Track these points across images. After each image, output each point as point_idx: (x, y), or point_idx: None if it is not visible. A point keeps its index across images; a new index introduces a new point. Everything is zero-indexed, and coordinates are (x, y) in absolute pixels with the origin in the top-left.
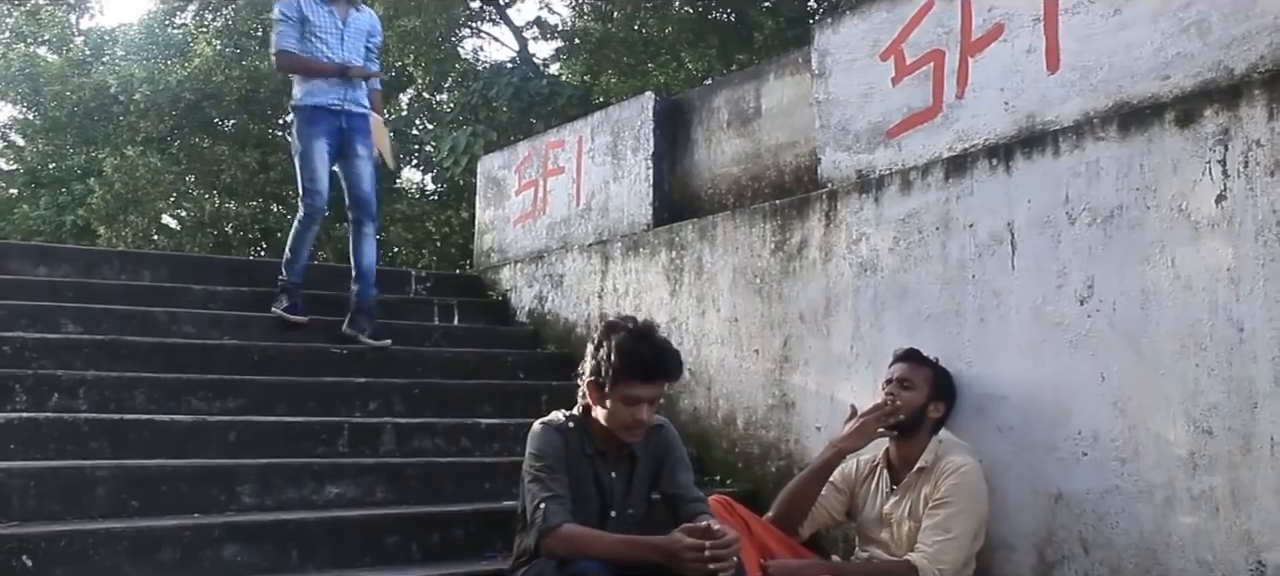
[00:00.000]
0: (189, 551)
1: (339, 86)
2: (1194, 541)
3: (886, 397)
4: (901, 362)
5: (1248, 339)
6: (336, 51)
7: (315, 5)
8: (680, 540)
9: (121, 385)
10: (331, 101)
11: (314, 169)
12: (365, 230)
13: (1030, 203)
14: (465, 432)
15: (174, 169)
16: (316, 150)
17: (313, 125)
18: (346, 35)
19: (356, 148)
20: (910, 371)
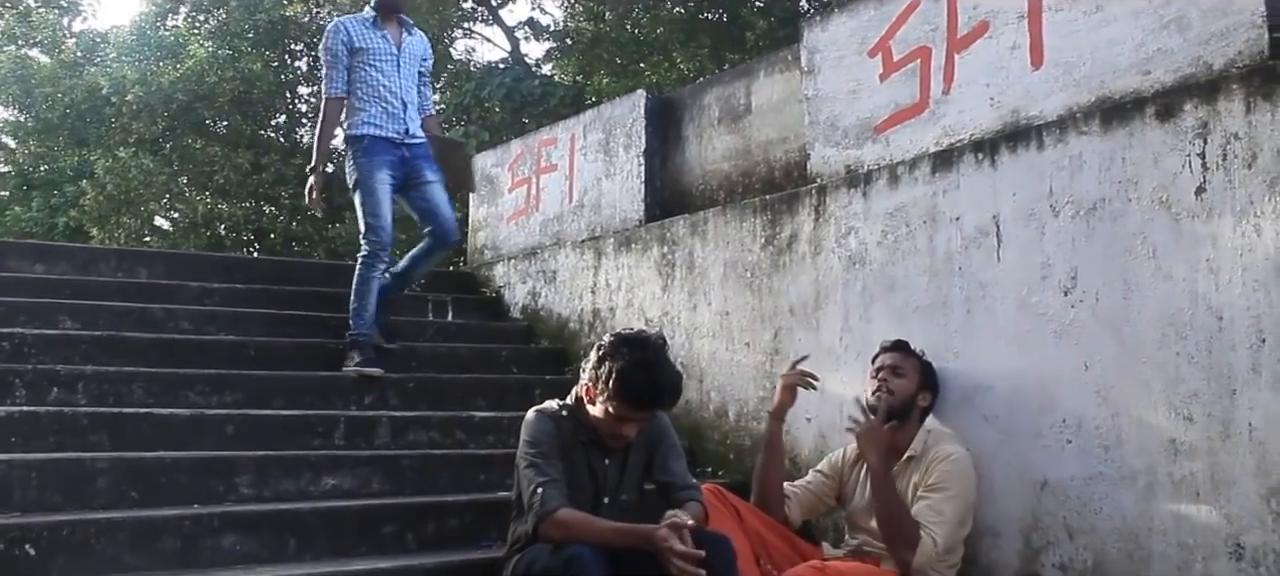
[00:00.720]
0: (189, 540)
1: (398, 118)
2: (1175, 526)
3: (877, 385)
4: (892, 352)
5: (1227, 327)
6: (393, 79)
7: (367, 30)
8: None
9: (120, 379)
10: (392, 132)
11: (378, 202)
12: (438, 254)
13: (1015, 196)
14: (460, 425)
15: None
16: (379, 182)
17: (372, 155)
18: (402, 61)
19: (425, 173)
20: (901, 360)
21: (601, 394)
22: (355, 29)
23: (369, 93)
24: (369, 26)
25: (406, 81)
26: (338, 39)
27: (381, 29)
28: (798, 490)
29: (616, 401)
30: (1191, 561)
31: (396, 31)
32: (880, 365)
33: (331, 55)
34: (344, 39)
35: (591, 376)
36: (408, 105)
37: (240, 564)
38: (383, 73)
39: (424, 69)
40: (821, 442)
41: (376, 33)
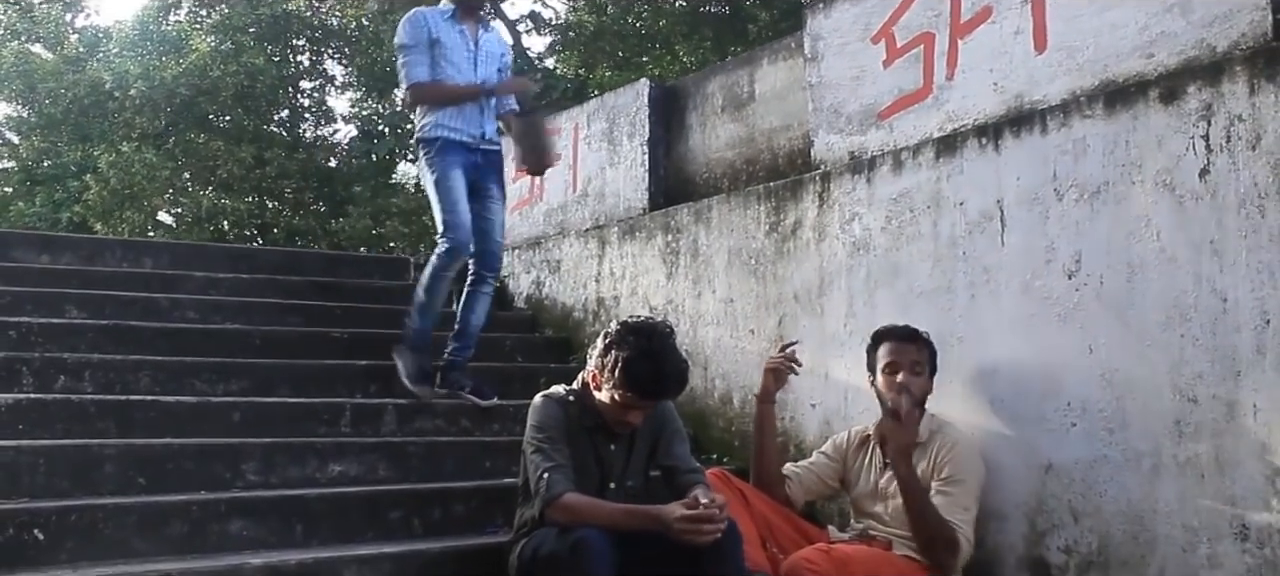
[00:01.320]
0: (196, 526)
1: (475, 119)
2: (1180, 507)
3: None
4: (907, 343)
5: (1231, 309)
6: (470, 78)
7: (445, 24)
8: (671, 509)
9: (126, 368)
10: (466, 137)
11: (455, 199)
12: (484, 288)
13: (1019, 180)
14: (465, 413)
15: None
16: (455, 179)
17: (446, 155)
18: (479, 60)
19: (491, 187)
20: (918, 353)
21: (608, 381)
22: (434, 21)
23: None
24: (447, 20)
25: (483, 81)
26: (419, 29)
27: (459, 24)
28: (800, 471)
29: (622, 389)
30: (1196, 543)
31: (474, 28)
32: (895, 361)
33: (413, 43)
34: (425, 27)
35: (598, 363)
36: (484, 107)
37: (247, 548)
38: (459, 71)
39: (504, 65)
40: (826, 428)
41: (454, 27)
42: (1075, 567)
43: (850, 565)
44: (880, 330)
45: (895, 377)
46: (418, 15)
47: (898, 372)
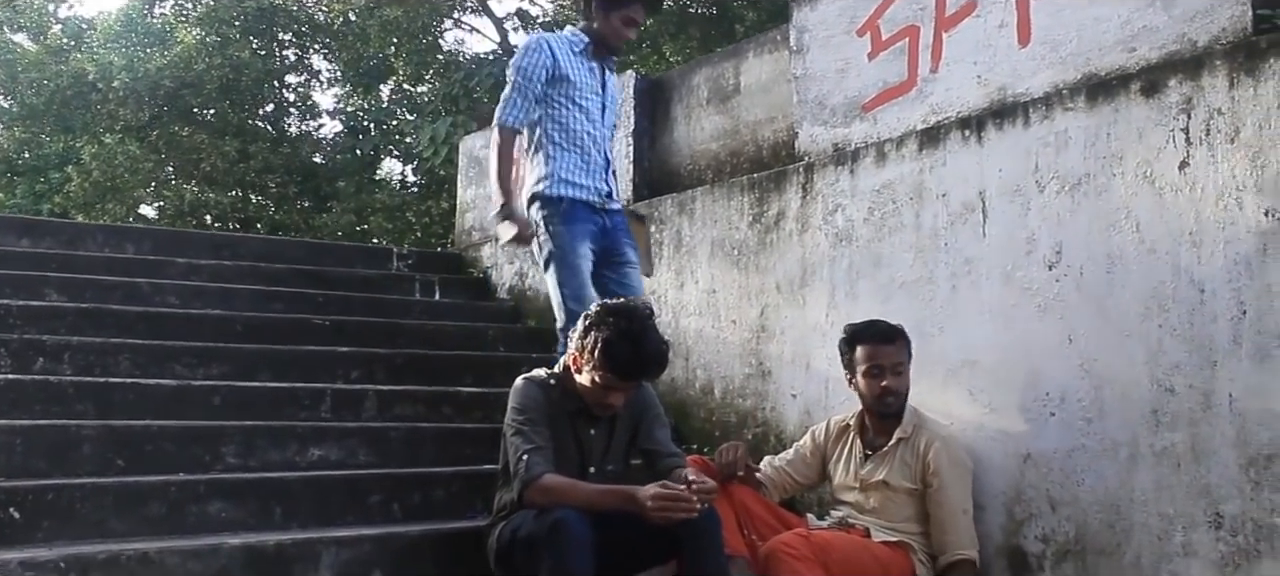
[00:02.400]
0: (175, 506)
1: (599, 173)
2: (1156, 495)
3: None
4: (886, 343)
5: (1208, 299)
6: (597, 127)
7: (574, 57)
8: (646, 489)
9: (106, 350)
10: (593, 196)
11: (581, 281)
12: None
13: (1001, 172)
14: (447, 400)
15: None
16: (582, 256)
17: (573, 223)
18: (607, 103)
19: (625, 250)
20: (897, 352)
21: (588, 363)
22: (561, 52)
23: (567, 139)
24: (577, 53)
25: (608, 131)
26: (538, 60)
27: (590, 61)
28: (773, 473)
29: (603, 371)
30: (1171, 531)
31: (601, 67)
32: (878, 363)
33: (525, 77)
34: (546, 62)
35: (578, 346)
36: (609, 161)
37: (226, 530)
38: (588, 116)
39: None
40: (806, 419)
41: (585, 63)
42: (1052, 556)
43: (829, 550)
44: (855, 330)
45: (879, 382)
46: (540, 44)
47: (882, 377)
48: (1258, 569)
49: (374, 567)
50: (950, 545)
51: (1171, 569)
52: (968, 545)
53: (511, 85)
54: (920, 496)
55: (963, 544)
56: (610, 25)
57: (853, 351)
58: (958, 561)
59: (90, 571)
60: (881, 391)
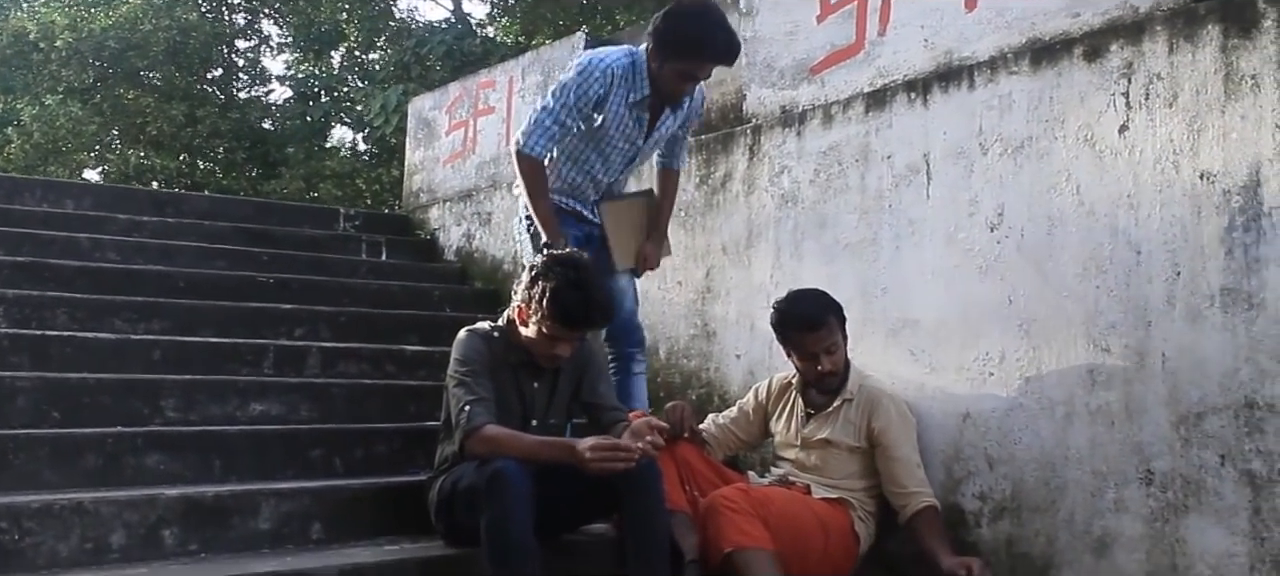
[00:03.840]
0: (111, 459)
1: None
2: (1090, 453)
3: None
4: (814, 331)
5: (1144, 261)
6: (612, 170)
7: (625, 108)
8: (585, 441)
9: (43, 304)
10: (584, 208)
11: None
12: (634, 366)
13: (946, 134)
14: (391, 358)
15: (96, 120)
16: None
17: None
18: (640, 155)
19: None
20: (830, 332)
21: (534, 314)
22: (614, 95)
23: (574, 165)
24: (629, 104)
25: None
26: (590, 91)
27: (642, 112)
28: (716, 431)
29: (550, 321)
30: (1104, 488)
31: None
32: (811, 351)
33: (567, 104)
34: (597, 95)
35: (524, 297)
36: (613, 185)
37: (164, 482)
38: (605, 162)
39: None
40: (750, 378)
41: (632, 115)
42: (989, 513)
43: (769, 504)
44: (782, 316)
45: (815, 367)
46: (603, 73)
47: (817, 361)
48: (1185, 523)
49: (313, 520)
50: (913, 496)
51: (1103, 524)
52: (929, 493)
53: (550, 108)
54: (863, 454)
55: (925, 492)
56: (665, 74)
57: (785, 335)
58: (924, 508)
59: (23, 520)
60: (819, 375)
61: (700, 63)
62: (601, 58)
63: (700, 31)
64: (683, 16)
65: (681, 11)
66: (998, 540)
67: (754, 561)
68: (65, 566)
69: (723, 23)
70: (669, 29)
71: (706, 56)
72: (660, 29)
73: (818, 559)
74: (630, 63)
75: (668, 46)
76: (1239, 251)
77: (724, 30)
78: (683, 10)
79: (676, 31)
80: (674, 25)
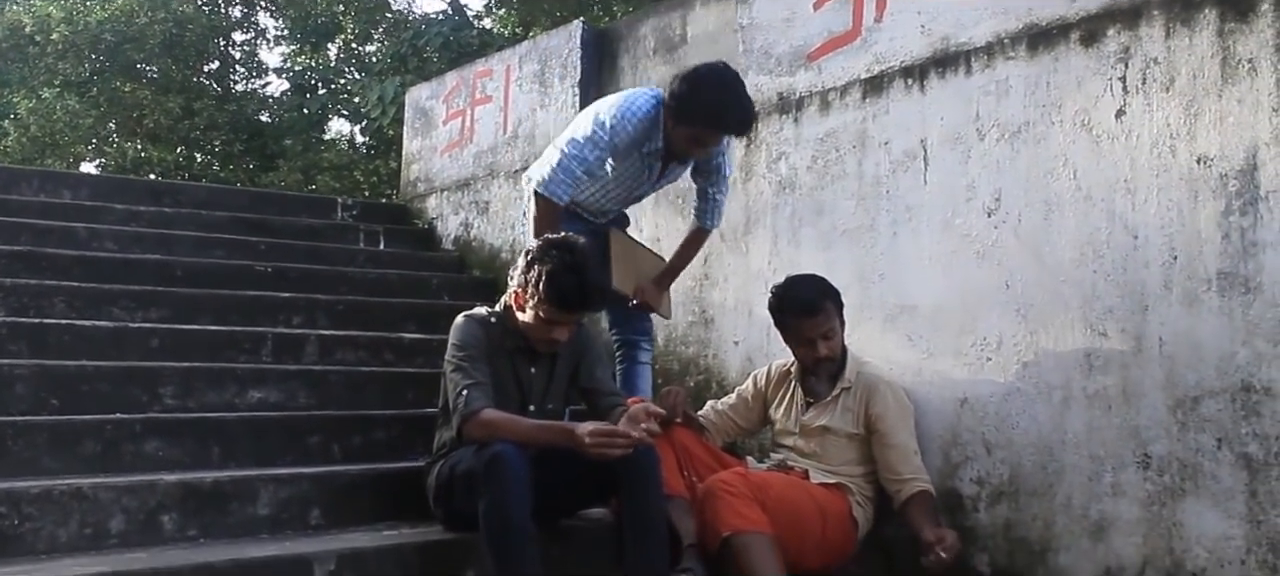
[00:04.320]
0: (110, 445)
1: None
2: (1087, 437)
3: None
4: (810, 316)
5: (1141, 245)
6: (614, 205)
7: (639, 154)
8: (584, 425)
9: (41, 293)
10: (585, 213)
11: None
12: (639, 355)
13: (943, 120)
14: (389, 346)
15: (93, 113)
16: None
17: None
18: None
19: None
20: (827, 318)
21: (531, 298)
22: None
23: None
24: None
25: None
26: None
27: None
28: (715, 417)
29: (546, 304)
30: (1101, 472)
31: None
32: (807, 336)
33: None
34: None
35: (520, 282)
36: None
37: (163, 468)
38: (605, 193)
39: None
40: (748, 365)
41: (645, 160)
42: (986, 498)
43: (767, 489)
44: (780, 301)
45: (813, 353)
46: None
47: (814, 348)
48: (1182, 506)
49: (312, 505)
50: (907, 482)
51: (1100, 508)
52: (924, 479)
53: (578, 153)
54: (861, 441)
55: (919, 477)
56: (678, 134)
57: (782, 321)
58: (917, 493)
59: (23, 505)
60: (816, 360)
61: (713, 132)
62: (637, 105)
63: (717, 103)
64: (702, 85)
65: (701, 79)
66: (995, 524)
67: (752, 545)
68: (65, 551)
69: (740, 95)
70: (687, 94)
71: (720, 128)
72: (679, 93)
73: (815, 543)
74: (655, 111)
75: (684, 111)
76: (1236, 235)
77: (740, 104)
78: (703, 78)
79: (694, 99)
80: (692, 91)
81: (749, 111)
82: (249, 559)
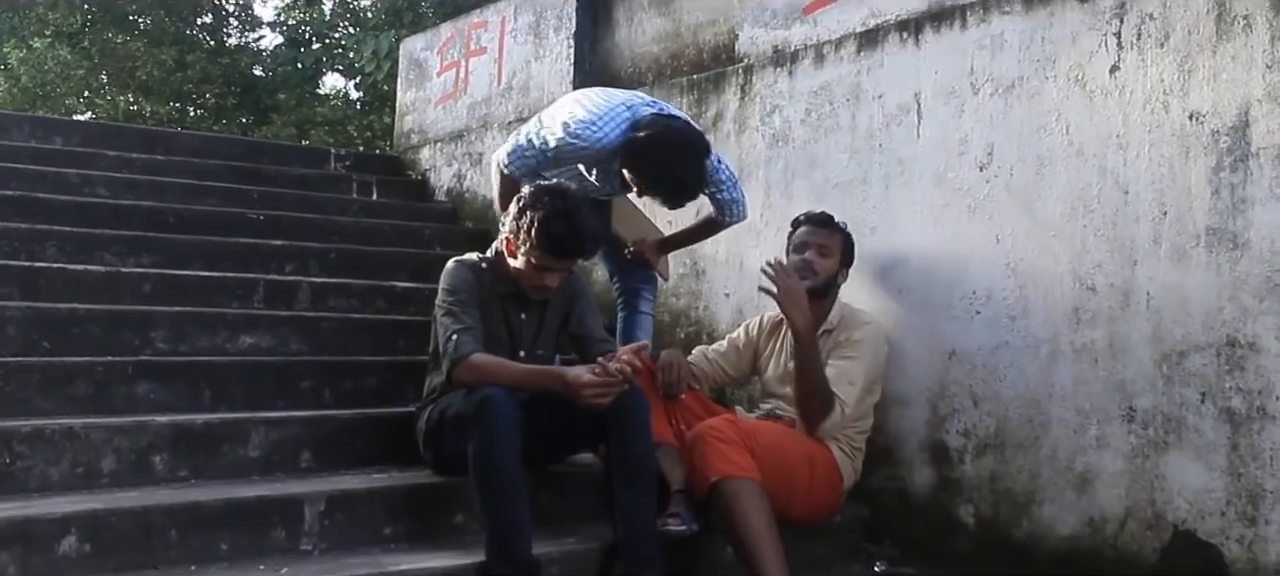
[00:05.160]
0: (101, 387)
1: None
2: (1074, 391)
3: (801, 263)
4: (819, 227)
5: (1131, 201)
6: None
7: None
8: (573, 370)
9: (32, 237)
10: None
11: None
12: (641, 303)
13: (937, 74)
14: (381, 294)
15: (85, 64)
16: None
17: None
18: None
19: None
20: (827, 237)
21: (523, 244)
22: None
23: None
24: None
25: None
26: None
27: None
28: (705, 364)
29: (538, 250)
30: (1087, 425)
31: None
32: (805, 240)
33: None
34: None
35: (512, 228)
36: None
37: (154, 410)
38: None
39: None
40: (739, 317)
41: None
42: (973, 450)
43: (756, 436)
44: (802, 215)
45: (800, 256)
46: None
47: (804, 252)
48: (1165, 459)
49: (303, 448)
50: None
51: (1085, 460)
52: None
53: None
54: None
55: (840, 393)
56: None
57: (793, 235)
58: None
59: (14, 444)
60: (801, 264)
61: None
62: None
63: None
64: (656, 147)
65: (658, 143)
66: (981, 476)
67: (741, 491)
68: (57, 489)
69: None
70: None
71: (652, 191)
72: (633, 141)
73: (803, 492)
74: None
75: (630, 157)
76: (1226, 191)
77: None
78: (660, 142)
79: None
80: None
81: (687, 190)
82: (239, 498)
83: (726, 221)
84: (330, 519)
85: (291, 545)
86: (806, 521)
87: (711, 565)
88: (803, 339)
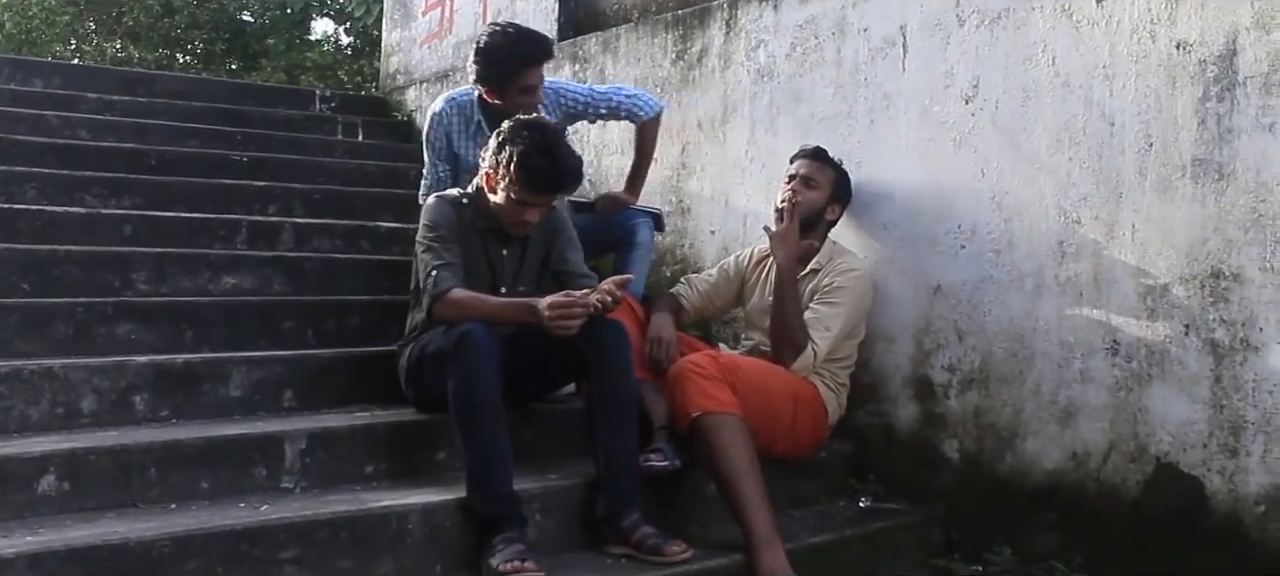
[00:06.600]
0: (82, 327)
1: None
2: (1058, 324)
3: (788, 193)
4: (807, 160)
5: (1117, 133)
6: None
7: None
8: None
9: (11, 179)
10: None
11: None
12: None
13: (923, 7)
14: (365, 235)
15: (70, 10)
16: None
17: None
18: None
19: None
20: (816, 170)
21: (502, 179)
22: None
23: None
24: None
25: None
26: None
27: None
28: (693, 295)
29: (518, 185)
30: (1071, 359)
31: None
32: (794, 172)
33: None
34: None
35: (491, 163)
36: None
37: (135, 350)
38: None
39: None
40: (724, 254)
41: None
42: (957, 384)
43: (738, 372)
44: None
45: (787, 186)
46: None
47: (790, 183)
48: (1148, 392)
49: (285, 387)
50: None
51: (1068, 394)
52: (820, 345)
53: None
54: None
55: (815, 336)
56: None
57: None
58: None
59: None
60: (785, 192)
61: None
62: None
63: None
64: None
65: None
66: (965, 410)
67: (722, 426)
68: (36, 430)
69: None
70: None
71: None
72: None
73: (787, 428)
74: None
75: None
76: (1212, 121)
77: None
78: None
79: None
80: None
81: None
82: (220, 437)
83: (643, 116)
84: (311, 456)
85: (272, 483)
86: (791, 457)
87: (695, 501)
88: (782, 276)
